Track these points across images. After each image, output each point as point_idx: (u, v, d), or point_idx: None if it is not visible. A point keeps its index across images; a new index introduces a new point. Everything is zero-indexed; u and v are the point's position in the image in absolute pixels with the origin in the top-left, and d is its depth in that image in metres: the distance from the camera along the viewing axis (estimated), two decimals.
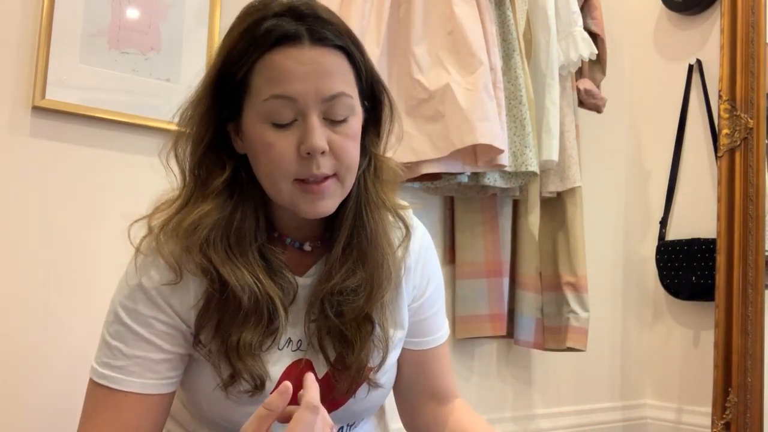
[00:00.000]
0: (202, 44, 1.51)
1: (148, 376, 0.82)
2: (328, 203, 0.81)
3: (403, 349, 0.98)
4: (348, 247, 0.86)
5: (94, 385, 0.83)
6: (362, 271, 0.85)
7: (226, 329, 0.81)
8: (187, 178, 0.84)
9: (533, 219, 1.77)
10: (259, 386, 0.82)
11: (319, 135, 0.77)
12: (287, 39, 0.76)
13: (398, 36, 1.64)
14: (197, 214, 0.80)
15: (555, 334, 1.90)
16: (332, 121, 0.79)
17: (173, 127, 1.44)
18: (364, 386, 0.89)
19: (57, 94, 1.33)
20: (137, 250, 0.84)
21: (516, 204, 1.87)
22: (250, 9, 0.80)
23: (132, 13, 1.43)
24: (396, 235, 0.91)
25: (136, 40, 1.42)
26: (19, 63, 1.32)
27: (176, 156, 0.84)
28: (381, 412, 1.06)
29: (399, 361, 0.98)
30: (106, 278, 1.37)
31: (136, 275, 0.84)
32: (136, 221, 0.85)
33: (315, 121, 0.77)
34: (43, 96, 1.31)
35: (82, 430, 0.83)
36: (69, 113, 1.35)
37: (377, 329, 0.87)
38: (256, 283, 0.80)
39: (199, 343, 0.84)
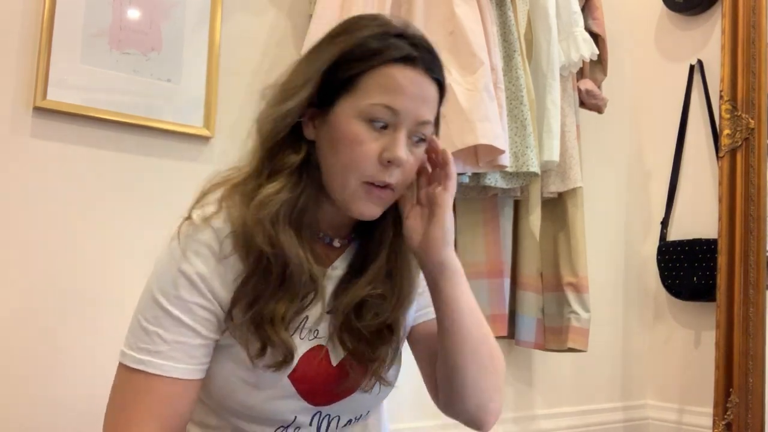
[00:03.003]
0: (203, 45, 1.51)
1: (188, 361, 0.83)
2: (379, 209, 0.88)
3: (420, 323, 1.02)
4: (387, 254, 0.92)
5: (128, 371, 0.82)
6: (392, 282, 0.91)
7: (264, 302, 0.84)
8: (260, 150, 0.87)
9: (534, 219, 1.77)
10: (288, 359, 0.85)
11: (405, 149, 0.86)
12: (407, 60, 0.85)
13: None
14: (272, 188, 0.84)
15: (556, 334, 1.90)
16: (412, 142, 0.88)
17: (174, 128, 1.44)
18: (375, 383, 0.93)
19: (58, 95, 1.33)
20: (178, 234, 0.85)
21: (517, 204, 1.87)
22: (370, 21, 0.88)
23: (133, 14, 1.43)
24: None
25: (137, 41, 1.43)
26: (21, 63, 1.32)
27: (260, 125, 0.88)
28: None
29: (419, 336, 1.02)
30: (108, 277, 1.38)
31: (176, 261, 0.84)
32: (196, 205, 0.88)
33: (404, 137, 0.86)
34: (44, 96, 1.31)
35: (119, 418, 0.82)
36: (70, 114, 1.35)
37: (394, 335, 0.93)
38: (306, 261, 0.85)
39: (230, 319, 0.85)
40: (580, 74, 1.99)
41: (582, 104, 1.99)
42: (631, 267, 2.36)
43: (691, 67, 2.27)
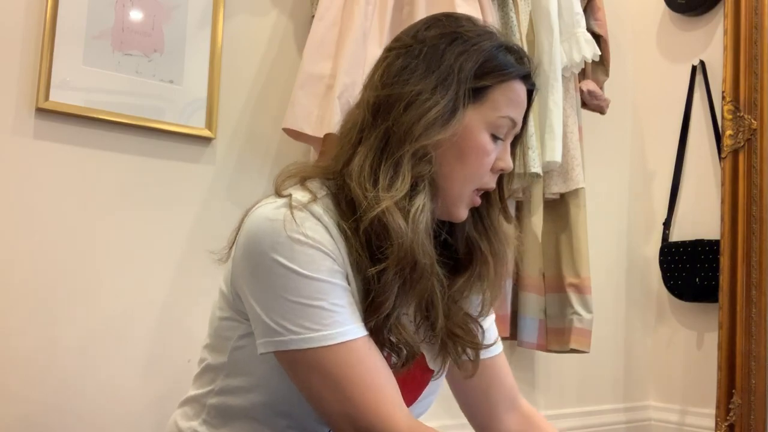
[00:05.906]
0: (205, 46, 1.51)
1: (356, 319, 0.80)
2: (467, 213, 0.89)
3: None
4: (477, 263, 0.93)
5: (324, 351, 0.77)
6: (481, 287, 0.94)
7: (401, 307, 0.82)
8: (408, 161, 0.81)
9: (536, 220, 1.76)
10: (411, 358, 0.84)
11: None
12: (525, 77, 0.87)
13: None
14: (420, 201, 0.81)
15: (558, 335, 1.89)
16: None
17: (176, 129, 1.44)
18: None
19: (60, 96, 1.33)
20: (292, 207, 0.79)
21: (519, 206, 1.87)
22: (482, 29, 0.87)
23: (135, 15, 1.43)
24: None
25: (139, 42, 1.43)
26: (23, 65, 1.32)
27: (412, 130, 0.81)
28: None
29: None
30: (110, 278, 1.38)
31: (303, 233, 0.78)
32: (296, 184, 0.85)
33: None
34: (46, 98, 1.32)
35: (362, 397, 0.76)
36: (72, 115, 1.35)
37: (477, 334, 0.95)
38: (435, 272, 0.85)
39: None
40: (582, 75, 1.99)
41: (584, 105, 1.99)
42: (634, 268, 2.35)
43: (693, 68, 2.27)
